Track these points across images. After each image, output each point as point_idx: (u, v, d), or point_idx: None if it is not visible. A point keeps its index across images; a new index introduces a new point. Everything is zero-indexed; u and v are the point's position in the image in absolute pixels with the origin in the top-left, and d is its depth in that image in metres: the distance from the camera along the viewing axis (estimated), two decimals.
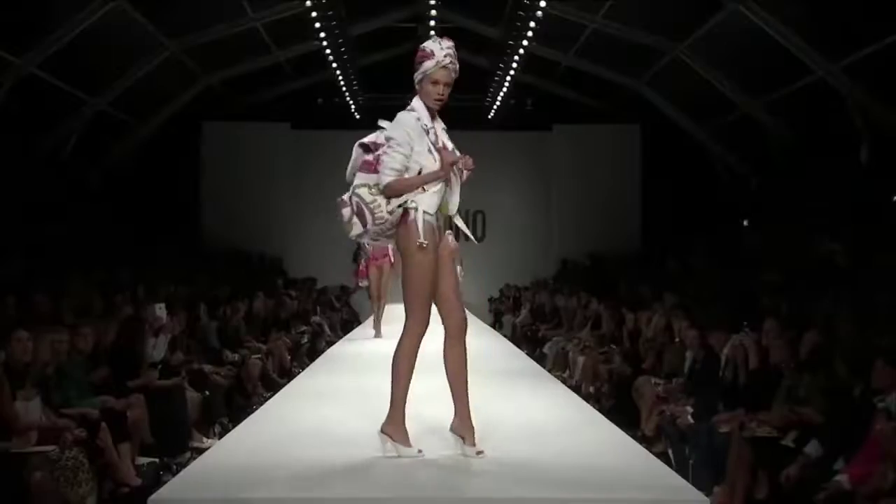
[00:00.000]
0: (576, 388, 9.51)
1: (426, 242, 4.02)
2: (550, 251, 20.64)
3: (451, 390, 4.17)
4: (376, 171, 4.08)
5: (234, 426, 6.03)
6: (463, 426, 4.13)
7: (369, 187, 4.07)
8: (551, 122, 20.44)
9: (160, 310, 8.28)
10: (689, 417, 6.86)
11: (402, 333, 4.13)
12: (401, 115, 4.15)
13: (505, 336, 14.27)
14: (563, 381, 9.58)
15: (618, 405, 8.89)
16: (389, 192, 4.04)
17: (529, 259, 19.99)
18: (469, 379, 4.22)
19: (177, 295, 10.58)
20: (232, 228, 19.35)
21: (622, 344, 10.19)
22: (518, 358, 9.65)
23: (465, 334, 4.17)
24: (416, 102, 4.18)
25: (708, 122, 17.50)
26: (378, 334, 10.26)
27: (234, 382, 9.17)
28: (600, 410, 7.20)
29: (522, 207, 20.57)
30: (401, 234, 4.11)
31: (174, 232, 18.44)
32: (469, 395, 4.17)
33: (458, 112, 20.96)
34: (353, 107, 20.12)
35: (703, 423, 6.51)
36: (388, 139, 4.09)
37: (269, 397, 7.45)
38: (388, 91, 21.61)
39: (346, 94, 19.57)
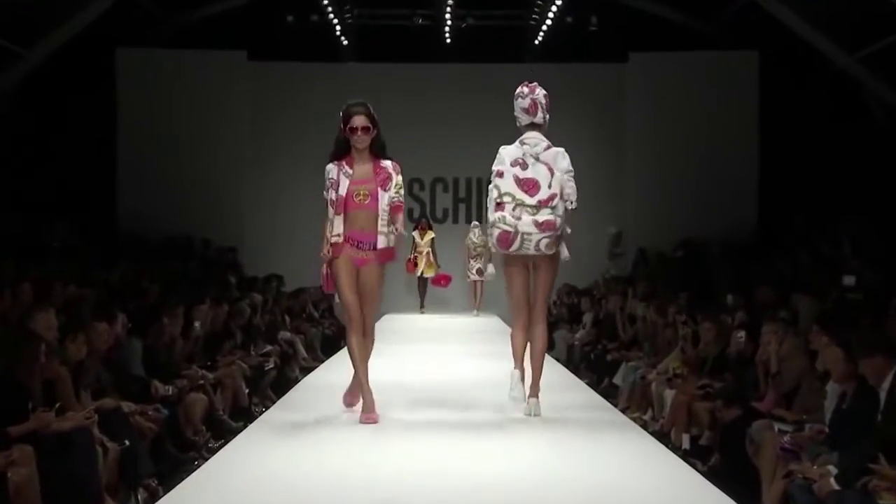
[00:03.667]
0: (662, 436, 9.52)
1: None
2: (623, 238, 20.65)
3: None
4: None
5: (166, 491, 6.07)
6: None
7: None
8: (626, 49, 20.43)
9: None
10: (833, 481, 6.84)
11: (545, 325, 7.82)
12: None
13: (557, 360, 14.25)
14: (644, 426, 9.63)
15: (725, 462, 8.90)
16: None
17: (593, 250, 19.92)
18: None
19: (81, 300, 10.63)
20: (161, 205, 19.43)
21: (730, 373, 10.19)
22: (577, 390, 9.65)
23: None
24: None
25: (862, 45, 17.36)
26: (361, 394, 7.37)
27: (166, 427, 9.23)
28: (700, 470, 7.19)
29: (583, 174, 20.32)
30: (557, 252, 7.96)
31: (76, 209, 18.52)
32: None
33: (493, 36, 20.93)
34: (338, 28, 20.01)
35: (854, 490, 6.49)
36: (569, 171, 8.06)
37: (218, 448, 7.50)
38: (388, 5, 21.74)
39: (329, 8, 19.49)
